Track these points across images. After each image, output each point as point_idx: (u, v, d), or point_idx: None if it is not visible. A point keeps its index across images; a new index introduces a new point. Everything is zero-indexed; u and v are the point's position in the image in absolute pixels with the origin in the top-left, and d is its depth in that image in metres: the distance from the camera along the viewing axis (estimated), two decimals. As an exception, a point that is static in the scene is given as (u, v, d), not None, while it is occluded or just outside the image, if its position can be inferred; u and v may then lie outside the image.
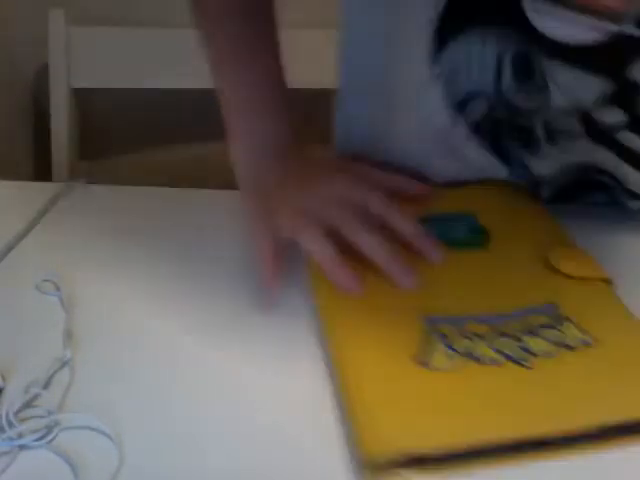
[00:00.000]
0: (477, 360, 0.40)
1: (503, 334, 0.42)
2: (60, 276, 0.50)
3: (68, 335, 0.45)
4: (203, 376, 0.43)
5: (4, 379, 0.41)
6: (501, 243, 0.50)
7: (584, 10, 0.43)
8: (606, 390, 0.39)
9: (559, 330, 0.43)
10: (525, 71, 0.48)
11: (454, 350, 0.41)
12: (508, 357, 0.41)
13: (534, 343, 0.42)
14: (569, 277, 0.46)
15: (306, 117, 0.57)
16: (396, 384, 0.39)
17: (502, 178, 0.54)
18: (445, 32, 0.49)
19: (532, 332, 0.42)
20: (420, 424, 0.37)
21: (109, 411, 0.39)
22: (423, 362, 0.40)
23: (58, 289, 0.49)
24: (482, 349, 0.41)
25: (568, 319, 0.43)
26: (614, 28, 0.43)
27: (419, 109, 0.52)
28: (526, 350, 0.41)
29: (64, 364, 0.43)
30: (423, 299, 0.45)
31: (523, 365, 0.40)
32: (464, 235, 0.50)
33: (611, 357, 0.41)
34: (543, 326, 0.43)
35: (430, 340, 0.42)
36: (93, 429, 0.38)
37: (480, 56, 0.48)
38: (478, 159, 0.53)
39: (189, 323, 0.47)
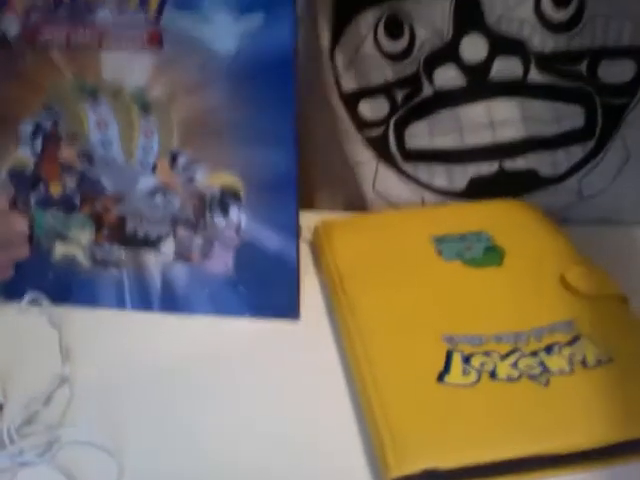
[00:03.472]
0: (493, 376, 0.40)
1: (520, 352, 0.42)
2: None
3: (66, 351, 0.45)
4: (204, 390, 0.42)
5: (4, 396, 0.41)
6: (516, 261, 0.50)
7: None
8: (620, 407, 0.38)
9: (575, 348, 0.42)
10: (396, 27, 0.54)
11: (471, 366, 0.41)
12: (525, 374, 0.40)
13: (551, 360, 0.41)
14: (585, 295, 0.46)
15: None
16: (417, 401, 0.39)
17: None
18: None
19: (549, 350, 0.42)
20: (440, 440, 0.37)
21: (109, 427, 0.39)
22: (441, 379, 0.40)
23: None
24: (499, 366, 0.41)
25: (584, 337, 0.43)
26: None
27: None
28: (543, 367, 0.41)
29: (63, 380, 0.43)
30: (442, 318, 0.45)
31: (539, 381, 0.40)
32: (480, 254, 0.50)
33: (626, 374, 0.40)
34: (560, 344, 0.42)
35: (449, 357, 0.42)
36: (93, 445, 0.38)
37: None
38: None
39: (190, 333, 0.47)
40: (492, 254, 0.50)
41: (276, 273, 0.46)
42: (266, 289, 0.47)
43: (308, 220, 0.45)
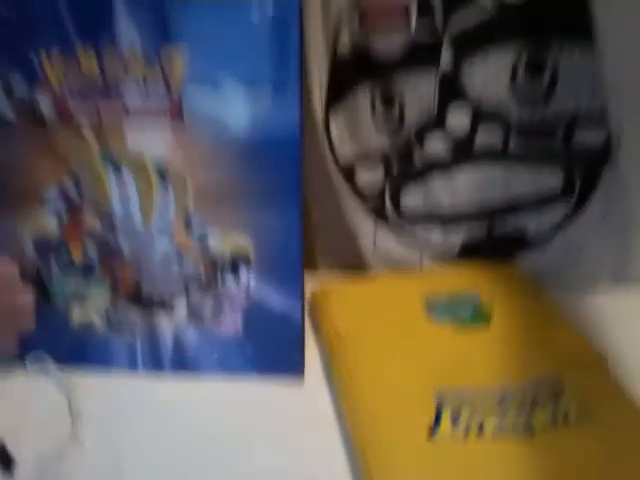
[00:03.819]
0: (481, 430, 0.43)
1: (507, 406, 0.44)
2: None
3: (75, 413, 0.47)
4: (216, 452, 0.44)
5: (16, 455, 0.43)
6: (503, 322, 0.52)
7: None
8: (603, 460, 0.41)
9: (558, 403, 0.45)
10: (389, 102, 0.58)
11: (460, 420, 0.43)
12: (511, 427, 0.43)
13: (536, 415, 0.44)
14: (567, 353, 0.49)
15: None
16: (409, 457, 0.42)
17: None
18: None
19: (533, 405, 0.45)
20: None
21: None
22: (432, 433, 0.43)
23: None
24: (487, 420, 0.43)
25: (567, 393, 0.45)
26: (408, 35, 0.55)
27: None
28: (528, 421, 0.43)
29: (73, 439, 0.45)
30: (433, 376, 0.47)
31: (524, 435, 0.42)
32: (469, 316, 0.53)
33: (607, 428, 0.43)
34: (543, 400, 0.45)
35: (439, 412, 0.44)
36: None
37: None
38: None
39: (199, 393, 0.49)
40: (480, 315, 0.53)
41: (282, 333, 0.49)
42: (272, 348, 0.50)
43: (308, 281, 0.48)
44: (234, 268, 0.48)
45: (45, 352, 0.51)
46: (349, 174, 0.63)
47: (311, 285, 0.57)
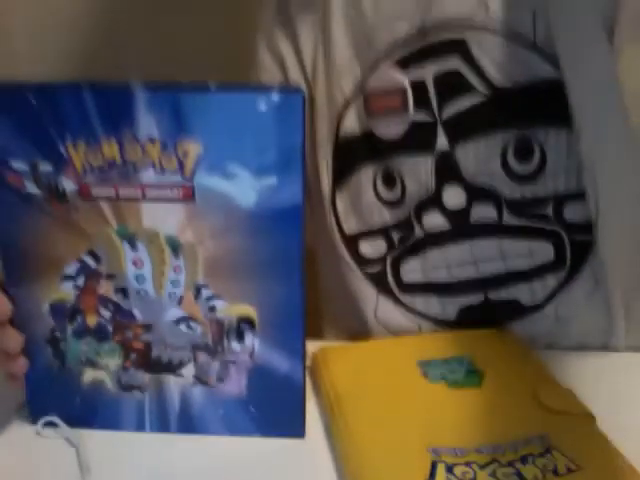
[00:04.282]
0: None
1: (498, 462, 0.47)
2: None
3: (85, 468, 0.50)
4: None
5: None
6: (494, 382, 0.56)
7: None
8: None
9: (548, 458, 0.48)
10: (390, 180, 0.64)
11: (454, 475, 0.46)
12: None
13: (525, 470, 0.47)
14: (555, 412, 0.52)
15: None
16: None
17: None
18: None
19: (524, 460, 0.47)
20: None
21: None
22: None
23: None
24: (479, 475, 0.46)
25: (555, 448, 0.48)
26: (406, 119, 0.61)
27: None
28: (519, 476, 0.46)
29: None
30: (428, 433, 0.50)
31: None
32: (462, 376, 0.57)
33: None
34: (533, 455, 0.48)
35: (434, 467, 0.47)
36: None
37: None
38: None
39: (204, 453, 0.51)
40: (472, 376, 0.57)
41: (284, 394, 0.52)
42: (275, 409, 0.52)
43: (313, 348, 0.51)
44: (239, 333, 0.51)
45: (56, 410, 0.54)
46: (353, 246, 0.67)
47: (314, 350, 0.61)
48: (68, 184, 0.48)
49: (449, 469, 0.47)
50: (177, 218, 0.48)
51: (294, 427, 0.53)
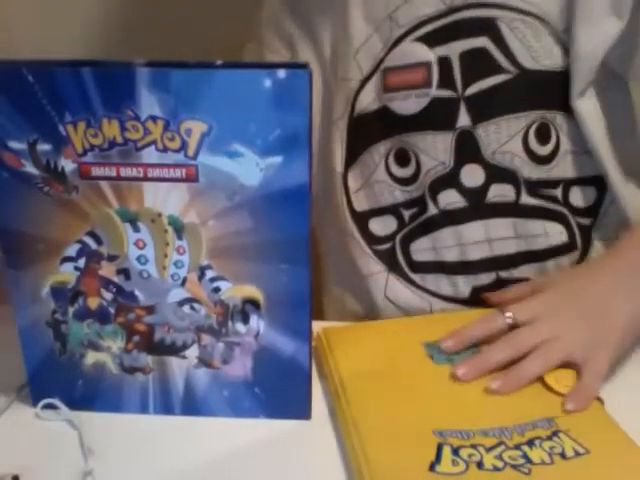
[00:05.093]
0: (480, 467, 0.45)
1: (505, 445, 0.47)
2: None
3: (87, 450, 0.49)
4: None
5: None
6: None
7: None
8: None
9: (555, 441, 0.47)
10: (404, 157, 0.63)
11: (460, 457, 0.46)
12: (508, 464, 0.45)
13: (532, 453, 0.46)
14: (563, 395, 0.51)
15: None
16: None
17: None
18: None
19: (531, 443, 0.47)
20: None
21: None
22: (432, 468, 0.45)
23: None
24: (485, 457, 0.46)
25: (563, 432, 0.48)
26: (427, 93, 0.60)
27: None
28: (525, 458, 0.46)
29: (87, 475, 0.47)
30: (433, 415, 0.50)
31: (522, 471, 0.45)
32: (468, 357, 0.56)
33: (602, 464, 0.46)
34: (541, 438, 0.48)
35: (440, 449, 0.47)
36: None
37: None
38: None
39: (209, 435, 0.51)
40: None
41: (290, 376, 0.51)
42: (280, 391, 0.52)
43: (316, 328, 0.51)
44: (244, 314, 0.50)
45: (58, 393, 0.53)
46: (363, 224, 0.67)
47: (318, 330, 0.60)
48: (67, 164, 0.47)
49: (455, 451, 0.46)
50: (180, 198, 0.47)
51: (300, 409, 0.52)
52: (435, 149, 0.61)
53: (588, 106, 0.59)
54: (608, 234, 0.62)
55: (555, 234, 0.62)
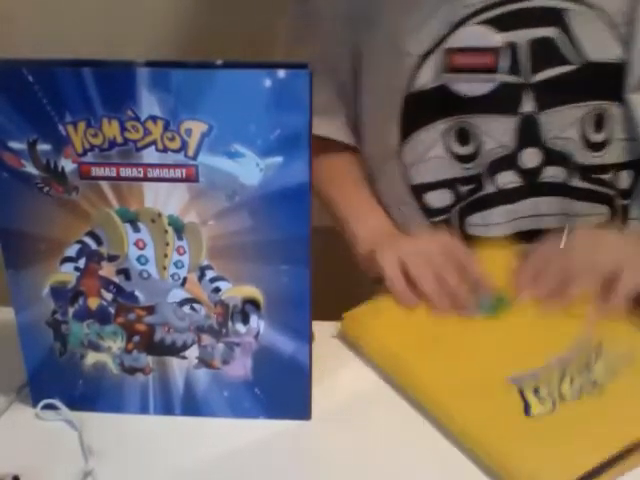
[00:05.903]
0: (563, 399, 0.49)
1: (570, 374, 0.50)
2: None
3: (87, 450, 0.49)
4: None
5: None
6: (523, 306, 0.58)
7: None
8: None
9: (605, 359, 0.51)
10: (464, 136, 0.65)
11: (542, 396, 0.49)
12: (583, 390, 0.49)
13: (595, 371, 0.50)
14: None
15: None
16: (518, 436, 0.47)
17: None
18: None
19: (587, 365, 0.51)
20: (554, 464, 0.45)
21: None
22: (527, 412, 0.48)
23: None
24: (563, 389, 0.49)
25: (603, 346, 0.52)
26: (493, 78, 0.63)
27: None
28: (592, 382, 0.50)
29: (87, 475, 0.47)
30: (499, 365, 0.52)
31: (595, 394, 0.49)
32: (494, 303, 0.58)
33: None
34: (591, 357, 0.51)
35: (523, 394, 0.49)
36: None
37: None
38: None
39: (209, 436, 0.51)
40: (502, 301, 0.59)
41: (290, 376, 0.51)
42: (280, 391, 0.52)
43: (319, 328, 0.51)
44: (244, 314, 0.50)
45: (58, 393, 0.53)
46: (419, 196, 0.69)
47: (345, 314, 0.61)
48: (67, 164, 0.47)
49: (535, 391, 0.49)
50: (180, 198, 0.47)
51: (300, 409, 0.52)
52: (498, 132, 0.65)
53: None
54: None
55: (599, 215, 0.66)
